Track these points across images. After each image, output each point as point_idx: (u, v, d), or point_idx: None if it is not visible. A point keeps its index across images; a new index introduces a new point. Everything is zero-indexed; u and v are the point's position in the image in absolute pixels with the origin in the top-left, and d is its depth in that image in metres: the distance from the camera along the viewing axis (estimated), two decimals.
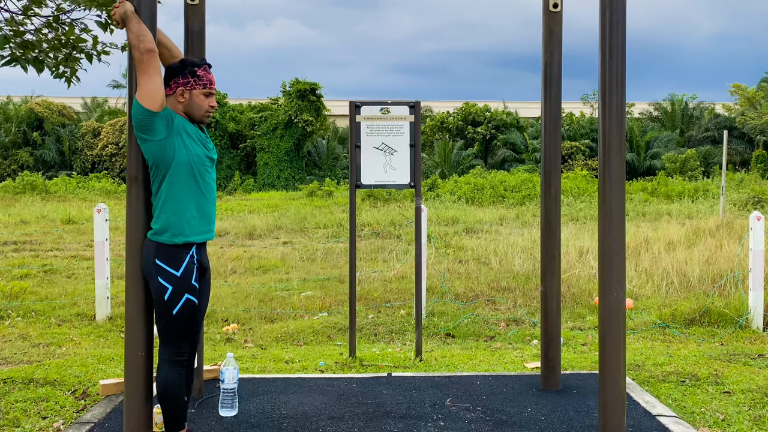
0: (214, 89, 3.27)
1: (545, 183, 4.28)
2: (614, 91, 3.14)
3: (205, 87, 3.21)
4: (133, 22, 3.04)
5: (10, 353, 5.61)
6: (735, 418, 4.00)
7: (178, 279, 3.10)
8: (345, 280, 8.35)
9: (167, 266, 3.09)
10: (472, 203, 21.51)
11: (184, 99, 3.19)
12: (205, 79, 3.22)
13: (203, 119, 3.24)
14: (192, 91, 3.19)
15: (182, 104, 3.19)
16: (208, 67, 3.27)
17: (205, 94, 3.22)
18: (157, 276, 3.09)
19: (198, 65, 3.23)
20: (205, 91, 3.22)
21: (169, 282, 3.09)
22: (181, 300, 3.11)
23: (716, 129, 34.74)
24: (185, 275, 3.12)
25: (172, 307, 3.10)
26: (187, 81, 3.18)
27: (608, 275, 3.16)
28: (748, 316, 6.40)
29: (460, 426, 3.70)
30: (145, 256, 3.13)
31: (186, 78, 3.18)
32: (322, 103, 32.76)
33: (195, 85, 3.19)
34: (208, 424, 3.71)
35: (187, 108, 3.20)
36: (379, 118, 5.24)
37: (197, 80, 3.20)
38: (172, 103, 3.19)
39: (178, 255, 3.11)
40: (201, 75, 3.21)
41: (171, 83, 3.19)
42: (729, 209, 16.20)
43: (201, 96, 3.21)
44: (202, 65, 3.24)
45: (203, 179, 3.20)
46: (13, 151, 34.28)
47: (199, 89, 3.20)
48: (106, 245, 6.94)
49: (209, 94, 3.24)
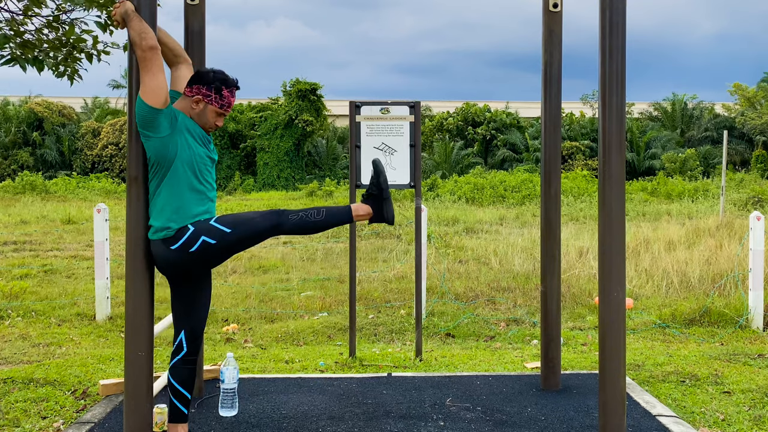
0: (228, 113, 3.29)
1: (545, 183, 4.28)
2: (614, 91, 3.14)
3: (221, 108, 3.23)
4: (134, 20, 3.04)
5: (10, 353, 5.61)
6: (735, 418, 4.00)
7: (196, 229, 3.10)
8: (345, 280, 8.35)
9: (182, 239, 3.09)
10: (472, 203, 21.51)
11: (197, 108, 3.21)
12: (226, 101, 3.24)
13: (204, 129, 3.26)
14: (208, 105, 3.21)
15: (193, 111, 3.21)
16: (235, 89, 3.29)
17: (218, 113, 3.24)
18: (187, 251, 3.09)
19: (227, 86, 3.23)
20: (220, 111, 3.23)
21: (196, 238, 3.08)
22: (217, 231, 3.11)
23: (716, 129, 34.75)
24: (197, 224, 3.12)
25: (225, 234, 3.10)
26: (209, 95, 3.20)
27: (608, 275, 3.16)
28: (748, 316, 6.40)
29: (460, 426, 3.70)
30: (161, 254, 3.12)
31: (210, 92, 3.20)
32: (322, 104, 32.77)
33: (214, 102, 3.21)
34: (208, 424, 3.71)
35: (196, 116, 3.22)
36: (379, 118, 5.24)
37: (218, 99, 3.21)
38: (186, 104, 3.20)
39: (182, 230, 3.11)
40: (224, 96, 3.23)
41: (194, 87, 3.20)
42: (729, 209, 16.20)
43: (214, 113, 3.23)
44: (231, 87, 3.25)
45: (204, 178, 3.20)
46: (13, 151, 34.28)
47: (216, 107, 3.22)
48: (106, 245, 6.94)
49: (221, 115, 3.26)
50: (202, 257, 3.12)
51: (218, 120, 3.25)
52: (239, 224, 3.13)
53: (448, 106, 39.10)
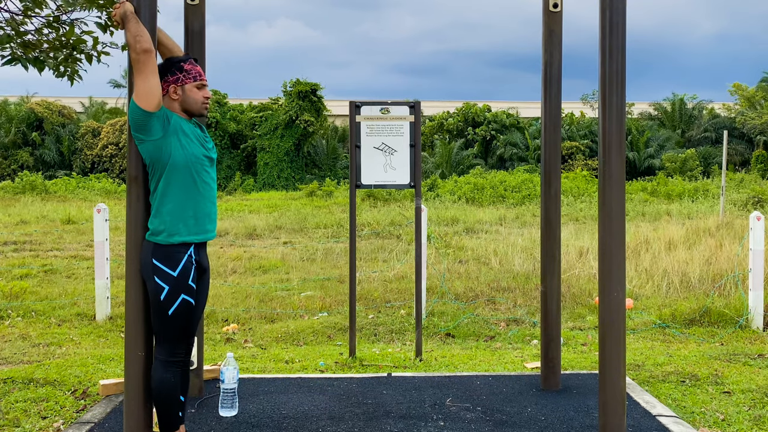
0: (204, 80, 3.27)
1: (545, 183, 4.28)
2: (614, 91, 3.14)
3: (195, 80, 3.22)
4: (131, 23, 3.04)
5: (10, 353, 5.61)
6: (735, 418, 4.00)
7: (174, 279, 3.09)
8: (345, 280, 8.35)
9: (164, 266, 3.08)
10: (472, 203, 21.51)
11: (177, 96, 3.19)
12: (194, 72, 3.23)
13: (201, 111, 3.25)
14: (184, 86, 3.20)
15: (177, 101, 3.19)
16: (193, 60, 3.28)
17: (197, 86, 3.22)
18: (154, 276, 3.08)
19: (183, 60, 3.23)
20: (196, 83, 3.22)
21: (166, 282, 3.08)
22: (177, 300, 3.10)
23: (715, 129, 34.76)
24: (182, 275, 3.11)
25: (168, 308, 3.09)
26: (177, 77, 3.19)
27: (608, 275, 3.16)
28: (748, 316, 6.40)
29: (460, 426, 3.70)
30: (142, 256, 3.13)
31: (175, 75, 3.19)
32: (322, 104, 32.78)
33: (185, 80, 3.20)
34: (208, 424, 3.71)
35: (183, 104, 3.20)
36: (379, 118, 5.24)
37: (186, 75, 3.20)
38: (167, 102, 3.19)
39: (176, 255, 3.10)
40: (188, 69, 3.22)
41: (162, 84, 3.19)
42: (729, 209, 16.20)
43: (194, 89, 3.22)
44: (187, 60, 3.25)
45: (201, 179, 3.19)
46: (12, 151, 34.28)
47: (191, 83, 3.21)
48: (106, 245, 6.94)
49: (201, 86, 3.24)
50: (151, 289, 3.10)
51: (204, 92, 3.24)
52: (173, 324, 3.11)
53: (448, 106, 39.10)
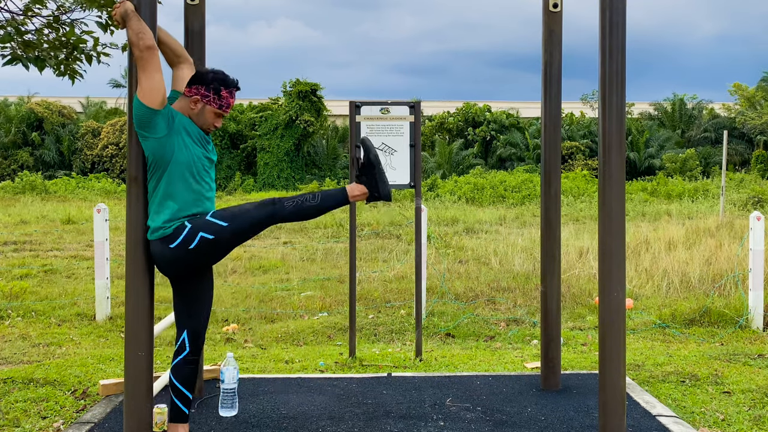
0: (227, 113, 3.27)
1: (545, 183, 4.28)
2: (614, 91, 3.14)
3: (220, 108, 3.22)
4: (133, 20, 3.04)
5: (10, 353, 5.61)
6: (735, 418, 4.00)
7: (193, 227, 3.09)
8: (345, 280, 8.35)
9: (180, 237, 3.08)
10: (472, 203, 21.52)
11: (195, 108, 3.20)
12: (225, 102, 3.22)
13: (202, 130, 3.25)
14: (207, 106, 3.20)
15: (191, 111, 3.21)
16: (235, 90, 3.27)
17: (216, 113, 3.23)
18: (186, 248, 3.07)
19: (227, 86, 3.22)
20: (218, 111, 3.22)
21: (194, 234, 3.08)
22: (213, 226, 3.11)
23: (715, 129, 34.76)
24: (193, 221, 3.11)
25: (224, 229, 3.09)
26: (208, 96, 3.19)
27: (608, 275, 3.16)
28: (748, 316, 6.40)
29: (460, 426, 3.70)
30: (160, 253, 3.11)
31: (208, 92, 3.19)
32: (322, 104, 32.78)
33: (212, 103, 3.20)
34: (208, 424, 3.71)
35: (194, 116, 3.21)
36: (379, 118, 5.24)
37: (217, 99, 3.20)
38: (185, 104, 3.20)
39: (179, 228, 3.10)
40: (224, 97, 3.21)
41: (193, 87, 3.19)
42: (729, 209, 16.20)
43: (212, 113, 3.22)
44: (231, 88, 3.23)
45: (201, 179, 3.19)
46: (12, 151, 34.28)
47: (214, 108, 3.21)
48: (106, 245, 6.94)
49: (220, 116, 3.25)
50: (202, 253, 3.11)
51: (217, 121, 3.24)
52: (236, 217, 3.13)
53: (449, 106, 39.10)
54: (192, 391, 3.32)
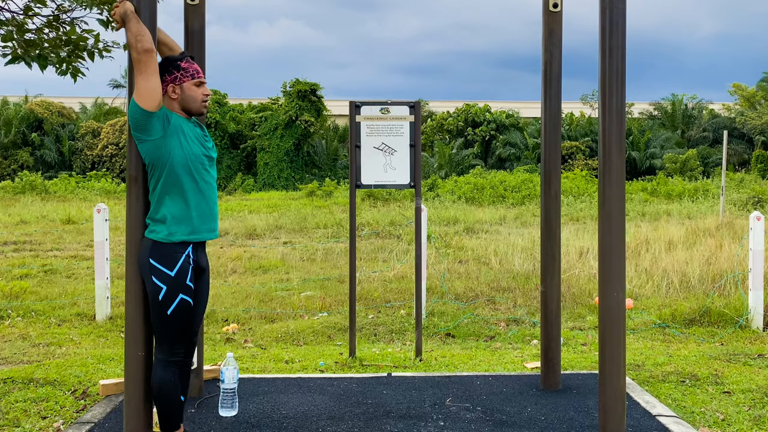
0: (202, 78, 3.26)
1: (545, 183, 4.28)
2: (614, 91, 3.14)
3: (193, 77, 3.21)
4: (132, 22, 3.03)
5: (10, 353, 5.61)
6: (735, 418, 4.00)
7: (172, 279, 3.08)
8: (345, 280, 8.35)
9: (161, 266, 3.08)
10: (472, 203, 21.52)
11: (176, 95, 3.18)
12: (191, 69, 3.22)
13: (201, 110, 3.24)
14: (182, 84, 3.18)
15: (176, 100, 3.18)
16: (190, 58, 3.27)
17: (195, 84, 3.21)
18: (152, 276, 3.08)
19: (180, 58, 3.22)
20: (195, 81, 3.21)
21: (163, 282, 3.07)
22: (175, 300, 3.09)
23: (715, 129, 34.77)
24: (180, 275, 3.10)
25: (167, 308, 3.08)
26: (175, 76, 3.18)
27: (608, 275, 3.16)
28: (748, 316, 6.40)
29: (460, 426, 3.70)
30: (140, 255, 3.13)
31: (172, 74, 3.18)
32: (322, 104, 32.79)
33: (183, 78, 3.18)
34: (208, 424, 3.71)
35: (182, 102, 3.19)
36: (379, 118, 5.24)
37: (184, 72, 3.19)
38: (167, 102, 3.19)
39: (173, 255, 3.10)
40: (185, 67, 3.20)
41: (162, 83, 3.17)
42: (729, 209, 16.21)
43: (192, 87, 3.20)
44: (183, 58, 3.24)
45: (201, 178, 3.19)
46: (12, 151, 34.29)
47: (189, 81, 3.19)
48: (106, 245, 6.94)
49: (200, 84, 3.23)
50: (149, 289, 3.10)
51: (203, 89, 3.23)
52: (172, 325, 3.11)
53: (448, 106, 39.12)
54: (185, 395, 3.31)
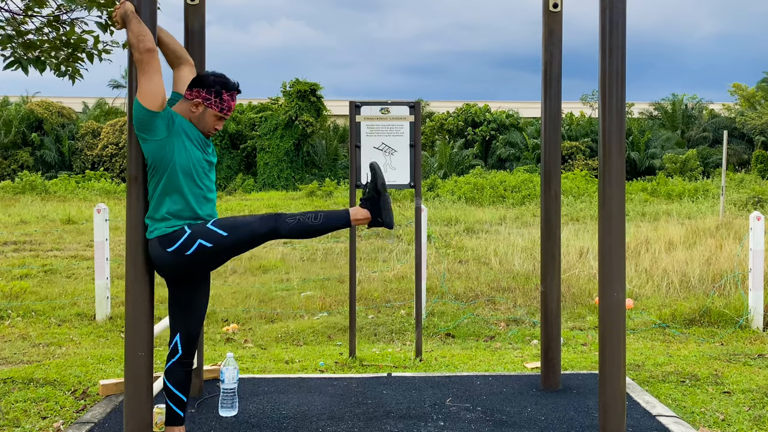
0: (228, 116, 3.27)
1: (545, 183, 4.28)
2: (614, 90, 3.14)
3: (221, 111, 3.21)
4: (133, 22, 3.03)
5: (10, 353, 5.61)
6: (735, 418, 4.00)
7: (193, 232, 3.08)
8: (345, 280, 8.35)
9: (178, 242, 3.07)
10: (472, 203, 21.52)
11: (196, 111, 3.18)
12: (226, 105, 3.21)
13: (203, 133, 3.24)
14: (208, 109, 3.19)
15: (192, 114, 3.19)
16: (236, 93, 3.25)
17: (217, 116, 3.22)
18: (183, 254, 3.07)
19: (228, 89, 3.21)
20: (219, 114, 3.21)
21: (193, 241, 3.06)
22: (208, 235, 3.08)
23: (715, 129, 34.78)
24: (194, 227, 3.10)
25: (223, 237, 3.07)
26: (209, 99, 3.17)
27: (608, 275, 3.16)
28: (748, 316, 6.40)
29: (460, 426, 3.70)
30: (157, 255, 3.10)
31: (210, 95, 3.17)
32: (322, 104, 32.78)
33: (213, 106, 3.19)
34: (208, 424, 3.71)
35: (194, 120, 3.20)
36: (379, 118, 5.24)
37: (218, 102, 3.19)
38: (186, 107, 3.18)
39: (179, 232, 3.10)
40: (225, 99, 3.20)
41: (194, 90, 3.18)
42: (729, 209, 16.21)
43: (213, 117, 3.21)
44: (231, 91, 3.22)
45: (201, 182, 3.18)
46: (12, 152, 34.29)
47: (215, 111, 3.20)
48: (106, 245, 6.94)
49: (221, 119, 3.24)
50: (199, 260, 3.11)
51: (218, 124, 3.23)
52: (236, 228, 3.11)
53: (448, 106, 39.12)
54: (186, 394, 3.31)
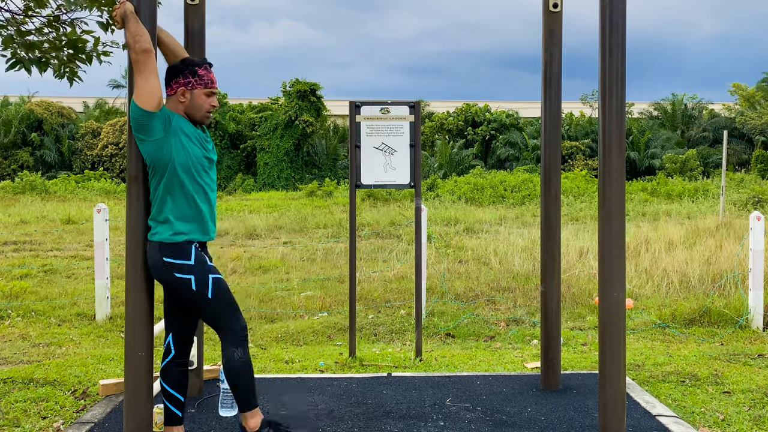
0: (215, 88, 3.25)
1: (545, 183, 4.28)
2: (614, 91, 3.14)
3: (206, 86, 3.19)
4: (131, 22, 3.03)
5: (10, 353, 5.61)
6: (735, 418, 4.00)
7: (193, 266, 3.09)
8: (345, 280, 8.35)
9: (178, 260, 3.08)
10: (472, 203, 21.52)
11: (185, 99, 3.17)
12: (207, 78, 3.20)
13: (203, 120, 3.22)
14: (193, 91, 3.17)
15: (183, 104, 3.18)
16: (209, 66, 3.25)
17: (206, 93, 3.20)
18: (173, 273, 3.07)
19: (199, 65, 3.20)
20: (206, 90, 3.19)
21: (188, 272, 3.08)
22: (208, 283, 3.11)
23: (715, 129, 34.78)
24: (198, 260, 3.12)
25: (205, 294, 3.09)
26: (188, 81, 3.16)
27: (608, 275, 3.16)
28: (748, 316, 6.40)
29: (460, 426, 3.70)
30: (153, 258, 3.10)
31: (187, 78, 3.17)
32: (322, 104, 32.79)
33: (196, 85, 3.17)
34: (208, 424, 3.71)
35: (188, 108, 3.18)
36: (379, 118, 5.24)
37: (198, 80, 3.18)
38: (174, 103, 3.18)
39: (184, 249, 3.11)
40: (202, 74, 3.19)
41: (172, 83, 3.17)
42: (729, 209, 16.21)
43: (202, 96, 3.19)
44: (203, 64, 3.22)
45: (202, 180, 3.19)
46: (12, 152, 34.30)
47: (201, 89, 3.18)
48: (106, 245, 6.94)
49: (211, 94, 3.22)
50: (179, 288, 3.12)
51: (211, 100, 3.22)
52: (220, 304, 3.14)
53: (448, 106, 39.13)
54: (184, 394, 3.30)
